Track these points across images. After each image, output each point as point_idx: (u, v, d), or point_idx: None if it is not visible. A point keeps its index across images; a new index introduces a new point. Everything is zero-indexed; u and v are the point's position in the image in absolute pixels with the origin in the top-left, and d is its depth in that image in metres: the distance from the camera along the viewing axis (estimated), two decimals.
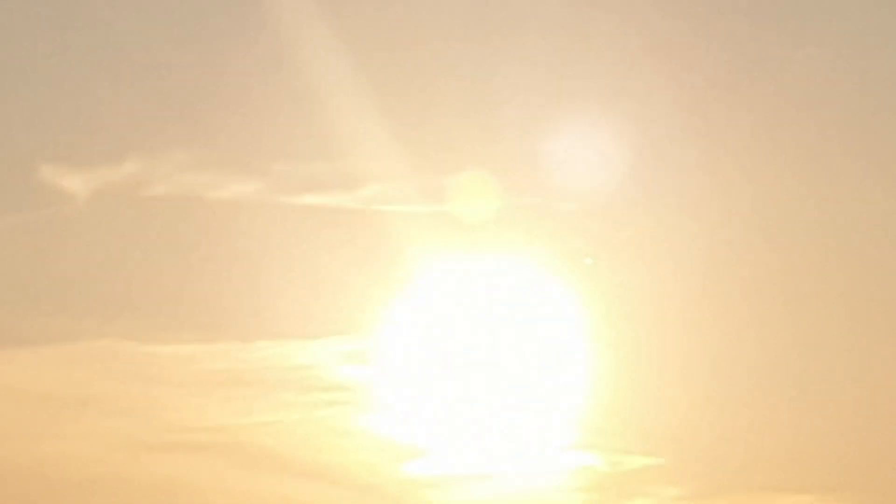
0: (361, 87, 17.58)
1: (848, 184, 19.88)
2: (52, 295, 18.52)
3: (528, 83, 18.59)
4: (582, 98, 18.84)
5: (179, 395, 18.01)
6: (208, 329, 18.21)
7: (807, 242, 19.75)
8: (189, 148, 18.57)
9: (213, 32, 19.31)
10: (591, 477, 17.26)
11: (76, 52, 19.74)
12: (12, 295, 18.74)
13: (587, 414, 17.41)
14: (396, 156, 17.52)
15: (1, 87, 19.47)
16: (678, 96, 19.18)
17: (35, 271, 18.85)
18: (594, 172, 18.03)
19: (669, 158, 18.63)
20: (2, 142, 19.17)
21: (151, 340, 18.23)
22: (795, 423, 18.25)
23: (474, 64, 19.49)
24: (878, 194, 19.42)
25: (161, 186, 18.15)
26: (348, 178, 17.90)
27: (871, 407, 19.15)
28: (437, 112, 18.44)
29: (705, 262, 18.45)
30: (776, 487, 18.48)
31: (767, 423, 18.22)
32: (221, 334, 18.17)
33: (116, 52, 19.40)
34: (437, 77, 18.75)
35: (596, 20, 18.88)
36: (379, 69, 18.51)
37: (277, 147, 18.69)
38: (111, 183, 18.28)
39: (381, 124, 17.50)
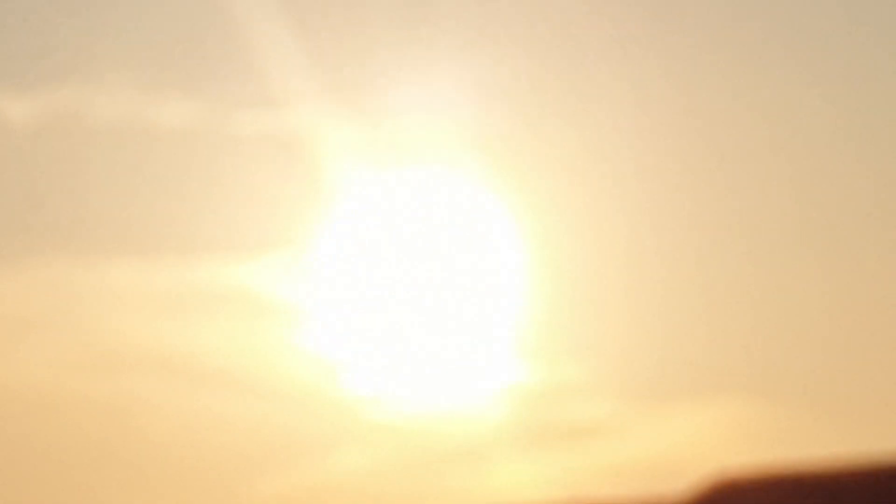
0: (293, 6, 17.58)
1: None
2: None
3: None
4: (514, 29, 18.67)
5: (121, 314, 18.10)
6: (149, 249, 18.33)
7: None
8: (126, 71, 18.67)
9: None
10: (522, 390, 17.12)
11: None
12: None
13: (519, 328, 17.40)
14: (326, 77, 17.51)
15: None
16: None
17: None
18: (527, 92, 18.04)
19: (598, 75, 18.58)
20: None
21: (91, 261, 18.32)
22: (733, 328, 18.11)
23: None
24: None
25: (99, 111, 18.20)
26: (280, 98, 17.85)
27: (818, 314, 18.86)
28: (367, 33, 18.41)
29: (634, 173, 18.45)
30: (713, 393, 18.48)
31: (703, 329, 18.09)
32: (161, 253, 18.16)
33: None
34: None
35: None
36: None
37: (211, 69, 18.70)
38: (50, 108, 18.41)
39: (311, 45, 17.50)
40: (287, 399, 17.86)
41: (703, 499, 10.00)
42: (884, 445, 9.98)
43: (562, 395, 17.35)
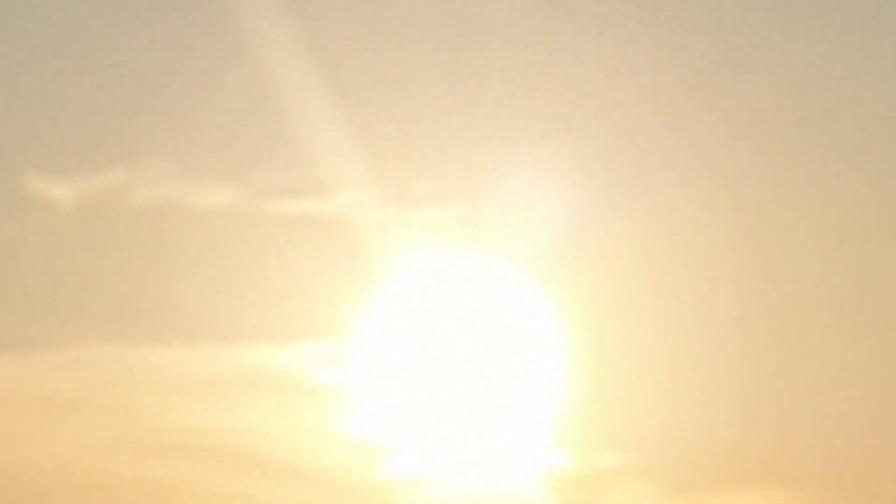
0: (335, 96, 17.60)
1: (828, 179, 19.76)
2: (38, 301, 18.59)
3: (498, 91, 18.53)
4: (553, 104, 18.73)
5: (163, 398, 18.05)
6: (191, 334, 18.22)
7: (787, 240, 19.61)
8: (169, 157, 18.66)
9: (187, 40, 19.27)
10: (562, 476, 17.12)
11: (59, 62, 19.70)
12: None
13: (560, 414, 17.34)
14: (369, 162, 17.54)
15: None
16: (652, 102, 19.03)
17: (21, 278, 18.95)
18: (565, 177, 17.97)
19: (643, 160, 18.56)
20: None
21: (136, 345, 18.21)
22: (768, 418, 18.11)
23: (447, 70, 19.41)
24: (860, 190, 19.30)
25: (143, 195, 18.17)
26: (323, 184, 17.91)
27: (847, 403, 18.97)
28: (409, 119, 18.44)
29: (678, 261, 18.41)
30: (749, 482, 18.38)
31: (740, 419, 18.07)
32: (204, 339, 18.09)
33: (98, 62, 19.49)
34: (410, 84, 18.73)
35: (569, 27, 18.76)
36: (352, 76, 18.52)
37: (254, 155, 18.73)
38: (95, 191, 18.35)
39: (354, 131, 17.51)
40: (328, 482, 17.76)
41: None
42: None
43: (600, 481, 17.34)
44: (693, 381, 17.80)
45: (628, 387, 17.51)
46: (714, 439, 17.57)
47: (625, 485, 17.48)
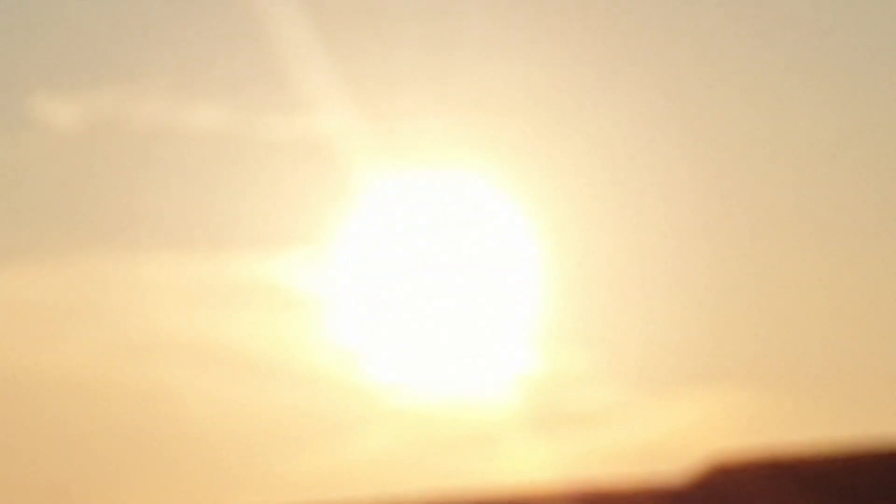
0: (318, 21, 17.60)
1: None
2: (38, 214, 18.88)
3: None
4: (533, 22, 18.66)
5: (156, 305, 18.54)
6: (182, 244, 18.51)
7: (755, 150, 19.57)
8: (163, 76, 18.83)
9: None
10: (533, 378, 17.22)
11: None
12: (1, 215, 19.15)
13: (535, 319, 17.69)
14: (350, 82, 17.54)
15: None
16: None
17: (20, 192, 19.22)
18: (538, 93, 18.12)
19: (622, 81, 18.70)
20: None
21: (130, 255, 18.49)
22: (725, 320, 18.12)
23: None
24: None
25: (137, 114, 18.43)
26: (307, 103, 17.86)
27: (811, 306, 18.80)
28: (390, 44, 18.49)
29: (645, 175, 18.54)
30: (715, 383, 18.31)
31: (697, 321, 17.92)
32: (194, 249, 18.56)
33: None
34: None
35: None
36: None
37: (242, 76, 18.72)
38: (92, 111, 18.58)
39: (337, 55, 17.54)
40: (310, 386, 17.97)
41: (699, 481, 10.33)
42: (875, 431, 10.21)
43: (569, 383, 17.50)
44: (658, 283, 17.90)
45: (596, 291, 17.79)
46: (680, 340, 17.67)
47: (592, 385, 17.77)
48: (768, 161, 18.86)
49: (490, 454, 15.38)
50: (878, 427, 10.63)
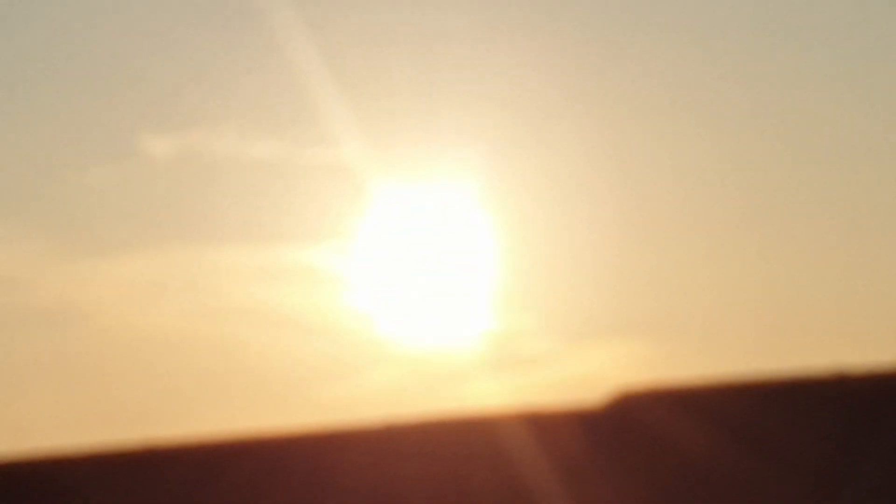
0: (340, 73, 17.67)
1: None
2: (146, 218, 18.97)
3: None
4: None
5: (229, 279, 18.84)
6: (248, 237, 18.81)
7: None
8: (228, 118, 19.13)
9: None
10: (491, 331, 17.38)
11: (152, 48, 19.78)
12: (106, 220, 19.35)
13: (490, 290, 17.70)
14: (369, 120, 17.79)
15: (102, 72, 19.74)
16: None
17: (132, 203, 19.34)
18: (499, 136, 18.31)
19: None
20: (102, 111, 19.51)
21: (211, 245, 18.80)
22: (635, 292, 18.08)
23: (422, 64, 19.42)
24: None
25: (213, 145, 18.57)
26: (333, 137, 17.97)
27: (711, 265, 18.10)
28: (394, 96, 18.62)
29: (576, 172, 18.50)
30: (615, 334, 18.35)
31: (607, 292, 17.86)
32: (256, 240, 18.55)
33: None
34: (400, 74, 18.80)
35: None
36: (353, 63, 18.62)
37: (283, 117, 19.22)
38: (182, 144, 18.78)
39: (354, 97, 17.67)
40: (335, 337, 17.79)
41: (611, 404, 9.87)
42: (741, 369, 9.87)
43: (517, 336, 17.42)
44: (582, 268, 18.06)
45: (539, 273, 17.76)
46: (597, 306, 17.59)
47: (533, 337, 17.82)
48: (669, 153, 18.95)
49: (461, 386, 15.04)
50: (744, 366, 10.50)
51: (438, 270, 16.70)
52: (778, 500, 9.82)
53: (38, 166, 18.94)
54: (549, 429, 9.78)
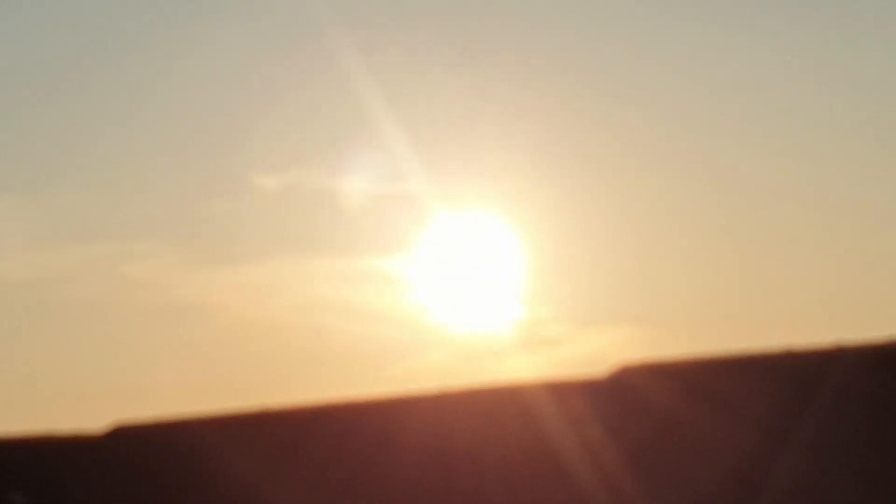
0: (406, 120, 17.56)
1: None
2: (255, 239, 19.38)
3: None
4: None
5: (320, 283, 19.02)
6: (334, 252, 19.02)
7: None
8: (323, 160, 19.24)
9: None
10: (519, 320, 17.10)
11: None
12: (227, 238, 19.61)
13: (520, 288, 17.33)
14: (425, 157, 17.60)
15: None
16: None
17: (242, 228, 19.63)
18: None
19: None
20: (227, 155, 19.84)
21: (307, 257, 19.10)
22: (634, 288, 17.88)
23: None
24: None
25: (308, 180, 18.82)
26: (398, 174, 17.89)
27: (698, 257, 18.21)
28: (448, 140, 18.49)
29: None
30: (616, 321, 18.21)
31: (612, 288, 17.78)
32: (341, 254, 18.77)
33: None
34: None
35: None
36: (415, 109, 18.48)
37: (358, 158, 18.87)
38: (285, 180, 18.97)
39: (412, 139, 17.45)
40: (401, 325, 18.33)
41: (612, 375, 10.23)
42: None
43: (540, 322, 17.39)
44: (592, 274, 18.10)
45: (554, 273, 17.71)
46: (603, 300, 17.60)
47: (552, 324, 17.56)
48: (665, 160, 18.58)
49: (497, 362, 15.31)
50: (715, 346, 10.38)
51: (479, 273, 16.68)
52: (738, 451, 9.57)
53: (175, 198, 19.33)
54: (563, 394, 10.04)
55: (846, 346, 9.86)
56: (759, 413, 9.39)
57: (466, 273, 16.78)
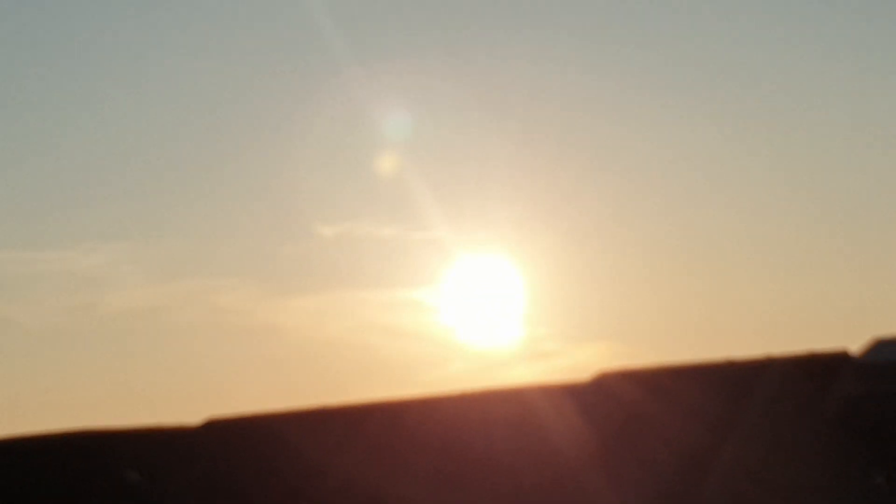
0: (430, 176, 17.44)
1: None
2: (314, 275, 19.59)
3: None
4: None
5: (366, 309, 19.07)
6: (376, 284, 19.32)
7: None
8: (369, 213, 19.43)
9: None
10: (523, 336, 16.86)
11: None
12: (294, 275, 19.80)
13: (524, 311, 17.14)
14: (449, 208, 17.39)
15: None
16: None
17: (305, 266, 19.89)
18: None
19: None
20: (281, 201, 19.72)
21: (356, 290, 18.96)
22: (613, 311, 17.60)
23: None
24: None
25: (357, 230, 18.70)
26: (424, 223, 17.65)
27: (670, 274, 17.89)
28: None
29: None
30: (598, 337, 17.90)
31: (593, 310, 17.60)
32: (382, 285, 19.07)
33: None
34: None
35: None
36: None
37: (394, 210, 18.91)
38: (338, 229, 19.02)
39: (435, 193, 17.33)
40: (431, 342, 18.60)
41: (594, 380, 10.27)
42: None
43: (538, 339, 17.21)
44: (578, 298, 17.71)
45: (549, 298, 17.56)
46: (586, 322, 17.51)
47: (548, 340, 17.25)
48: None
49: (504, 371, 15.94)
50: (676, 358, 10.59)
51: (491, 300, 16.52)
52: (691, 439, 9.43)
53: (254, 242, 19.64)
54: (555, 395, 10.16)
55: (775, 358, 9.99)
56: (708, 409, 9.46)
57: (481, 300, 16.79)
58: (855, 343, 9.16)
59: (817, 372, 9.48)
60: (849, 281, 17.09)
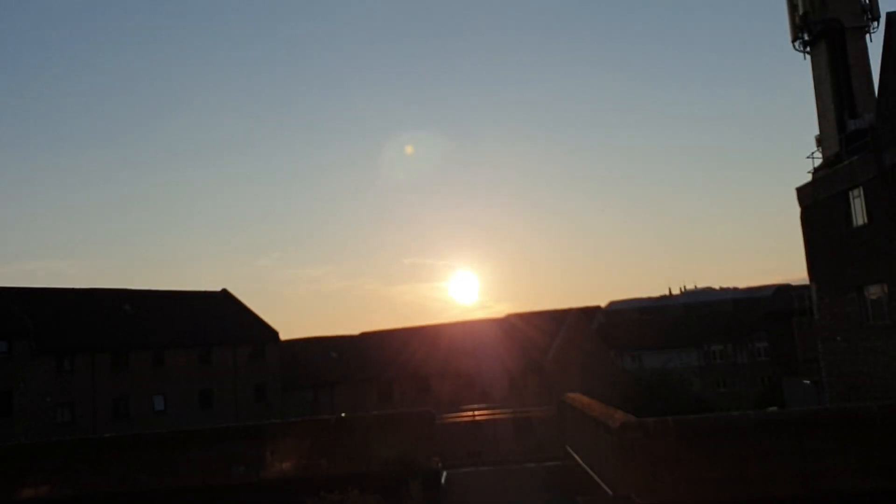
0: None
1: None
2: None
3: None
4: None
5: (402, 278, 33.03)
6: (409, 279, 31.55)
7: None
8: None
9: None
10: None
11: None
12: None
13: None
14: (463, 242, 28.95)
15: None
16: None
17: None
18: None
19: None
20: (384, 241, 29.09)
21: (396, 284, 32.03)
22: None
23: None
24: None
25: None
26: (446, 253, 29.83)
27: None
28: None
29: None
30: (508, 300, 31.55)
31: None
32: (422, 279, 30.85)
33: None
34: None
35: None
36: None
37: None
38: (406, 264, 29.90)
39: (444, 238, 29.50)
40: (443, 301, 32.38)
41: (504, 318, 19.39)
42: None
43: (484, 301, 30.52)
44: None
45: (495, 286, 30.76)
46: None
47: (488, 303, 30.70)
48: None
49: (470, 314, 28.04)
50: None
51: (466, 286, 30.21)
52: (546, 342, 17.64)
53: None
54: (488, 325, 19.26)
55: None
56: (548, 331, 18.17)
57: (462, 285, 30.86)
58: None
59: None
60: None
